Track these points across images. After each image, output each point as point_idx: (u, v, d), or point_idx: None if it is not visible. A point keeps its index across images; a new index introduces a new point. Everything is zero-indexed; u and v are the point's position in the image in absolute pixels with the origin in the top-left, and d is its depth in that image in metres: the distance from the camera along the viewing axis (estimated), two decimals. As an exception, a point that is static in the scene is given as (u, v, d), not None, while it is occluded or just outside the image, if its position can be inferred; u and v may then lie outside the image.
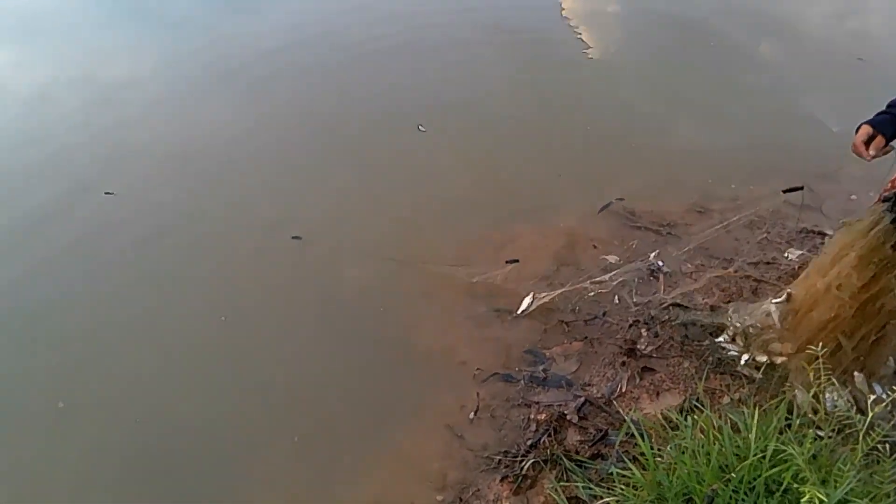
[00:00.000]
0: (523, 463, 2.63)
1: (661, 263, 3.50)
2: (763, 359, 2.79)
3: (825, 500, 1.63)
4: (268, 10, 6.43)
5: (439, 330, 3.28)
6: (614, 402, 2.84)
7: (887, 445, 1.97)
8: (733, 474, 1.88)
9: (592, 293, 3.36)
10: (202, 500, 2.73)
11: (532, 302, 3.32)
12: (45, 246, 3.87)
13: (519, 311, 3.32)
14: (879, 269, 2.25)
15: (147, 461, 2.88)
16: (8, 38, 6.11)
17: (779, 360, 2.76)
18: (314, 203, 4.15)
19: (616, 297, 3.36)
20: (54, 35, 6.14)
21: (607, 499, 2.14)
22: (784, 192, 3.73)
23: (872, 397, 1.99)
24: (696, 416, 2.19)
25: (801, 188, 3.62)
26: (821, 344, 2.06)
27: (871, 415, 1.88)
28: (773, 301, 2.88)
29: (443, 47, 5.60)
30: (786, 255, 3.53)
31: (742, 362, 2.86)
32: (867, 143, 2.22)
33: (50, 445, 2.97)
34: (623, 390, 2.90)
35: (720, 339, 2.99)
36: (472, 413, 2.91)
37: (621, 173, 4.20)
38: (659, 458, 2.15)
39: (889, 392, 1.94)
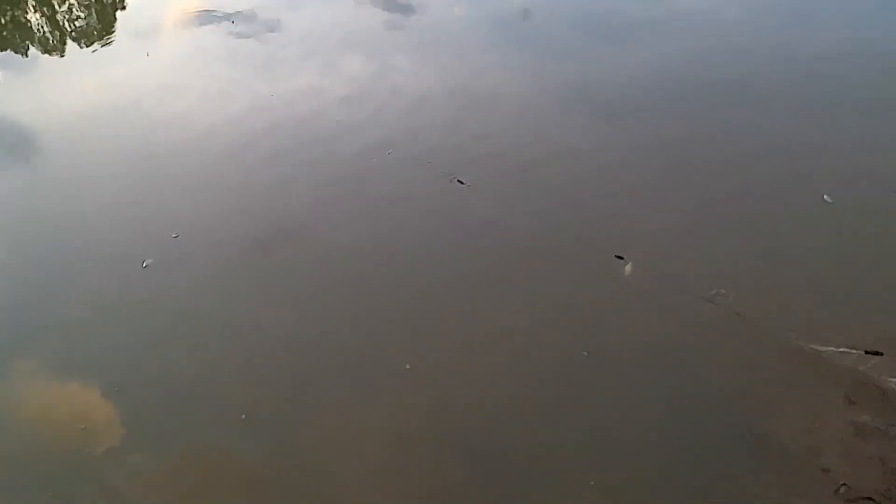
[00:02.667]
0: None
1: None
2: None
3: None
4: (637, 45, 6.36)
5: (806, 425, 2.84)
6: None
7: None
8: None
9: None
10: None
11: None
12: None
13: None
14: None
15: (459, 449, 3.08)
16: (409, 51, 7.10)
17: None
18: (679, 246, 3.96)
19: None
20: (442, 52, 6.95)
21: None
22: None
23: None
24: None
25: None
26: None
27: None
28: None
29: (851, 100, 4.94)
30: None
31: None
32: None
33: (391, 403, 3.30)
34: None
35: None
36: (829, 534, 2.64)
37: None
38: None
39: None
